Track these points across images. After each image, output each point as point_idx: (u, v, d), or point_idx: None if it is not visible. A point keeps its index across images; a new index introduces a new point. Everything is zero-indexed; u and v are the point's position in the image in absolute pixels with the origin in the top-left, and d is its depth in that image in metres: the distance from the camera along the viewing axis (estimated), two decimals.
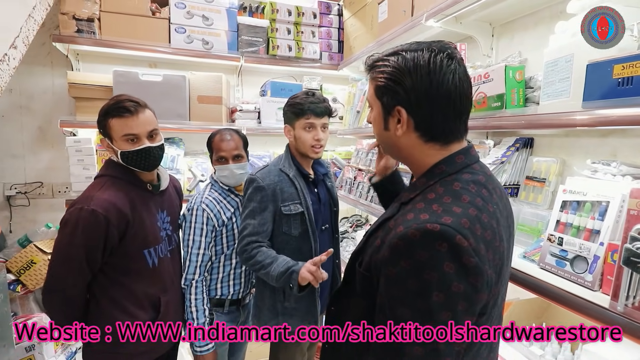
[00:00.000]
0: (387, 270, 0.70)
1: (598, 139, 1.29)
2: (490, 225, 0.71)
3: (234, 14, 2.43)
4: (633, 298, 0.86)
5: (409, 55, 0.75)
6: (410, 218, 0.70)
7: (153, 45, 2.34)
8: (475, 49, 1.76)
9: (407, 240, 0.67)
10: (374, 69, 0.82)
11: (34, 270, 2.11)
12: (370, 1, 2.18)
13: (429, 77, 0.73)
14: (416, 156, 0.81)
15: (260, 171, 1.57)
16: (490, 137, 1.72)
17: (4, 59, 1.51)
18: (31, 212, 2.49)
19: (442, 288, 0.64)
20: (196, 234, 1.58)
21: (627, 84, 0.86)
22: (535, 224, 1.35)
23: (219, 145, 1.65)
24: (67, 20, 2.12)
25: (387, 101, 0.78)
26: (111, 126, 1.30)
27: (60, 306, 1.30)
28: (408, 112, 0.76)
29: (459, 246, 0.64)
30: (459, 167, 0.77)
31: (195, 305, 1.55)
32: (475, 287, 0.66)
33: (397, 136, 0.79)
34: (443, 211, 0.68)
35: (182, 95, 2.37)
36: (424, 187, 0.77)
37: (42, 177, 2.50)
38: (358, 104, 2.42)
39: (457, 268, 0.64)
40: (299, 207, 1.55)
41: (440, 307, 0.64)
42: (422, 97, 0.74)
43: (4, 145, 2.41)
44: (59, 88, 2.45)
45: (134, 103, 1.32)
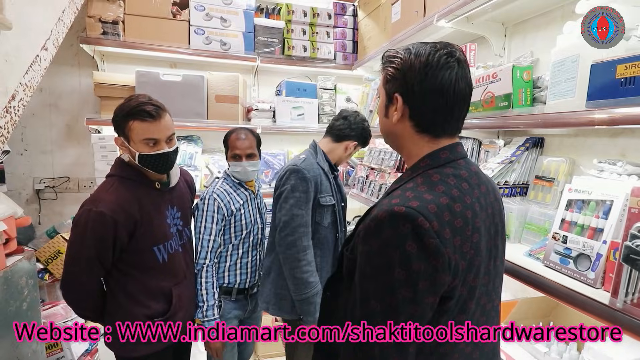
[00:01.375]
0: (360, 248, 0.76)
1: (607, 139, 1.29)
2: (463, 214, 0.75)
3: (251, 15, 2.50)
4: (632, 295, 0.87)
5: (414, 50, 0.81)
6: (384, 203, 0.76)
7: (173, 47, 2.43)
8: (488, 49, 1.77)
9: (377, 221, 0.73)
10: (387, 62, 0.88)
11: (60, 260, 2.24)
12: (384, 2, 2.21)
13: (425, 69, 0.78)
14: (408, 146, 0.86)
15: (302, 163, 1.65)
16: (501, 136, 1.73)
17: (36, 60, 1.62)
18: (58, 205, 2.63)
19: (404, 266, 0.69)
20: (207, 221, 1.68)
21: (629, 83, 0.88)
22: (542, 222, 1.36)
23: (235, 143, 1.76)
24: (94, 22, 2.24)
25: (389, 88, 0.84)
26: (132, 128, 1.32)
27: (77, 300, 1.38)
28: (404, 100, 0.81)
29: (421, 227, 0.69)
30: (442, 162, 0.82)
31: (205, 287, 1.64)
32: (436, 267, 0.70)
33: (393, 123, 0.85)
34: (414, 197, 0.73)
35: (200, 94, 2.46)
36: (407, 178, 0.83)
37: (69, 172, 2.64)
38: (371, 104, 2.45)
39: (418, 248, 0.69)
40: (332, 199, 1.70)
41: (401, 284, 0.69)
42: (417, 88, 0.79)
43: (34, 141, 2.56)
44: (85, 87, 2.58)
45: (156, 107, 1.34)
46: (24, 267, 1.54)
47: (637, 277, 0.86)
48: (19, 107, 1.48)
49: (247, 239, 1.80)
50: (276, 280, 1.68)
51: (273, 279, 1.70)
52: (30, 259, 1.60)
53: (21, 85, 1.50)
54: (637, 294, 0.86)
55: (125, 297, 1.40)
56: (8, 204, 1.52)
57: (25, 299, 1.54)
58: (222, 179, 1.83)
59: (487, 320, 0.86)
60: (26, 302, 1.54)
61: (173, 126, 1.42)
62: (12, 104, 1.44)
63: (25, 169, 2.55)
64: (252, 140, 1.79)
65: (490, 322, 0.87)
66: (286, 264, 1.59)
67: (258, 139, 1.83)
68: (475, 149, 1.74)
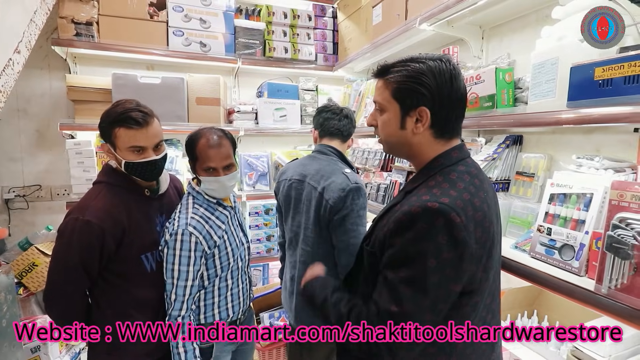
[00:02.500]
0: (391, 240, 0.84)
1: (582, 136, 1.37)
2: (482, 208, 0.84)
3: (230, 16, 2.47)
4: (616, 281, 0.94)
5: (430, 63, 0.87)
6: (413, 200, 0.84)
7: (151, 48, 2.37)
8: (467, 51, 1.84)
9: (410, 215, 0.81)
10: (388, 74, 0.90)
11: (35, 273, 2.13)
12: (364, 4, 2.24)
13: (451, 82, 0.87)
14: (424, 151, 0.92)
15: (357, 178, 1.52)
16: (482, 135, 1.80)
17: (9, 63, 1.54)
18: (30, 215, 2.50)
19: (435, 255, 0.78)
20: (182, 264, 1.32)
21: (607, 85, 0.94)
22: (525, 216, 1.43)
23: (207, 153, 1.37)
24: (66, 24, 2.14)
25: (409, 102, 0.88)
26: (117, 135, 1.27)
27: (61, 313, 1.31)
28: (431, 112, 0.87)
29: (452, 222, 0.78)
30: (455, 160, 0.90)
31: (183, 346, 1.33)
32: (462, 257, 0.79)
33: (414, 134, 0.90)
34: (441, 194, 0.82)
35: (181, 97, 2.41)
36: (425, 177, 0.90)
37: (41, 180, 2.51)
38: (353, 104, 2.49)
39: (448, 239, 0.78)
40: None
41: (432, 271, 0.78)
42: (445, 98, 0.87)
43: (2, 149, 2.42)
44: (56, 91, 2.46)
45: (143, 114, 1.28)
46: (2, 282, 1.46)
47: (619, 264, 0.93)
48: None
49: (235, 265, 1.49)
50: None
51: None
52: (8, 273, 1.51)
53: None
54: (621, 280, 0.93)
55: (111, 308, 1.34)
56: None
57: (4, 316, 1.46)
58: (190, 200, 1.43)
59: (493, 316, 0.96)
60: (5, 318, 1.46)
61: (161, 133, 1.36)
62: None
63: None
64: (228, 146, 1.42)
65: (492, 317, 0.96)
66: None
67: (233, 141, 1.47)
68: None
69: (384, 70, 0.92)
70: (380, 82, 0.93)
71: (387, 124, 0.93)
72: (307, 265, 1.38)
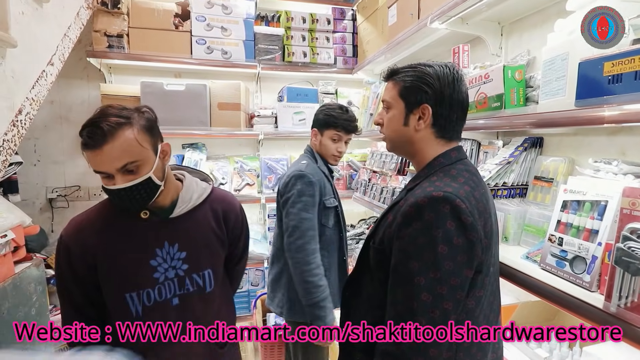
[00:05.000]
0: (400, 233, 0.85)
1: (606, 137, 1.25)
2: (482, 200, 0.88)
3: (250, 23, 2.54)
4: (625, 298, 0.84)
5: (436, 67, 0.94)
6: (418, 192, 0.86)
7: (176, 57, 2.49)
8: (485, 49, 1.75)
9: (417, 206, 0.83)
10: (397, 75, 0.98)
11: None
12: (381, 5, 2.21)
13: (453, 84, 0.93)
14: (424, 150, 0.96)
15: (307, 168, 1.66)
16: (501, 137, 1.70)
17: (43, 75, 1.69)
18: (70, 213, 2.71)
19: (446, 241, 0.79)
20: None
21: (617, 81, 0.85)
22: (541, 224, 1.32)
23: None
24: (100, 37, 2.31)
25: (414, 99, 0.94)
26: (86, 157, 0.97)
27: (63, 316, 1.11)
28: (432, 110, 0.93)
29: (459, 207, 0.81)
30: (454, 160, 0.95)
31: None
32: (472, 242, 0.81)
33: (416, 130, 0.95)
34: (444, 185, 0.85)
35: (203, 102, 2.51)
36: (426, 175, 0.94)
37: (80, 181, 2.72)
38: (371, 107, 2.45)
39: (457, 225, 0.80)
40: (334, 201, 1.73)
41: (444, 258, 0.79)
42: (447, 99, 0.93)
43: (47, 152, 2.65)
44: (93, 99, 2.67)
45: (101, 130, 0.93)
46: (33, 274, 1.60)
47: (630, 280, 0.83)
48: (25, 121, 1.54)
49: None
50: (288, 285, 1.68)
51: (284, 283, 1.70)
52: (39, 266, 1.66)
53: (28, 100, 1.56)
54: (631, 298, 0.84)
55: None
56: (16, 213, 1.58)
57: (34, 305, 1.59)
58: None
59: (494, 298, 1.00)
60: (35, 307, 1.60)
61: (136, 150, 0.97)
62: (19, 118, 1.50)
63: (38, 179, 2.65)
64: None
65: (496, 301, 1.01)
66: (296, 268, 1.57)
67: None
68: (475, 150, 1.72)
69: (393, 73, 1.00)
70: (390, 83, 1.00)
71: (391, 120, 0.98)
72: (275, 246, 1.77)
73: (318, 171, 1.69)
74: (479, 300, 0.88)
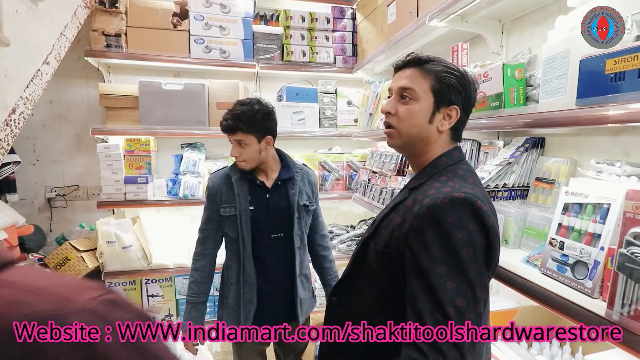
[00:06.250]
0: (417, 237, 0.81)
1: (610, 138, 1.21)
2: (490, 202, 0.88)
3: (249, 23, 2.51)
4: (629, 306, 0.81)
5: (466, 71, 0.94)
6: (432, 193, 0.83)
7: (175, 56, 2.47)
8: (485, 47, 1.71)
9: (437, 208, 0.80)
10: (427, 64, 0.92)
11: (68, 266, 2.29)
12: (380, 4, 2.18)
13: (476, 89, 0.96)
14: (434, 150, 0.94)
15: (214, 172, 1.72)
16: (502, 137, 1.66)
17: (37, 74, 1.67)
18: (69, 213, 2.70)
19: (470, 244, 0.78)
20: None
21: (619, 79, 0.82)
22: (542, 227, 1.29)
23: None
24: (97, 36, 2.30)
25: (446, 98, 0.91)
26: None
27: None
28: (460, 113, 0.92)
29: (480, 209, 0.80)
30: (456, 160, 0.94)
31: None
32: (492, 244, 0.81)
33: (439, 131, 0.92)
34: (460, 186, 0.84)
35: (202, 102, 2.48)
36: (430, 174, 0.91)
37: (78, 180, 2.71)
38: (371, 106, 2.42)
39: (479, 227, 0.79)
40: (233, 210, 1.57)
41: (470, 260, 0.78)
42: (471, 105, 0.95)
43: (46, 151, 2.65)
44: (92, 98, 2.65)
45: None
46: None
47: (633, 287, 0.80)
48: (19, 120, 1.53)
49: None
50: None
51: None
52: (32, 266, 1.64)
53: (22, 99, 1.54)
54: (634, 306, 0.80)
55: None
56: (10, 214, 1.57)
57: None
58: None
59: None
60: None
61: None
62: (12, 117, 1.49)
63: (37, 179, 2.64)
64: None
65: None
66: None
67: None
68: (475, 150, 1.68)
69: (420, 60, 0.92)
70: (416, 70, 0.92)
71: (414, 114, 0.91)
72: None
73: (221, 177, 1.64)
74: (486, 301, 0.89)
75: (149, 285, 2.52)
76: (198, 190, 2.53)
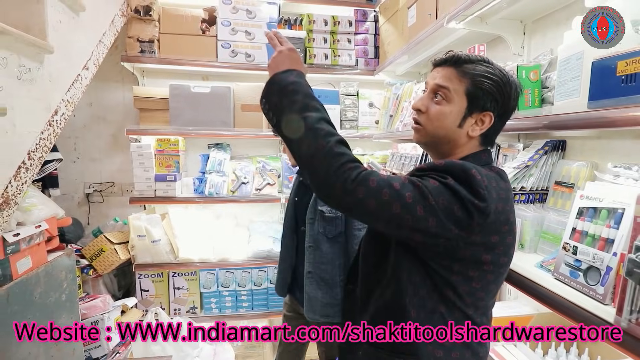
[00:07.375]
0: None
1: (631, 141, 1.17)
2: (507, 193, 0.85)
3: (274, 27, 2.59)
4: (637, 313, 0.79)
5: (509, 76, 0.88)
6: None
7: (203, 61, 2.59)
8: (506, 49, 1.68)
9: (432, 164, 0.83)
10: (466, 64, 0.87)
11: (103, 257, 2.46)
12: (401, 6, 2.18)
13: (517, 97, 0.90)
14: (461, 152, 0.91)
15: None
16: (522, 139, 1.63)
17: (78, 78, 1.82)
18: (105, 208, 2.90)
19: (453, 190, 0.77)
20: None
21: (631, 81, 0.80)
22: (559, 231, 1.26)
23: None
24: (133, 42, 2.46)
25: (481, 104, 0.86)
26: None
27: None
28: (494, 120, 0.88)
29: (473, 176, 0.77)
30: (483, 162, 0.90)
31: None
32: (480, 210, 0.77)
33: (469, 136, 0.89)
34: None
35: (227, 104, 2.59)
36: None
37: (114, 177, 2.90)
38: (392, 108, 2.43)
39: (467, 190, 0.77)
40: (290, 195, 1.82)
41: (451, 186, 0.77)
42: (509, 112, 0.90)
43: (86, 150, 2.85)
44: (128, 101, 2.83)
45: None
46: (64, 263, 1.72)
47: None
48: (60, 121, 1.67)
49: None
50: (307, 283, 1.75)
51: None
52: (70, 256, 1.78)
53: (63, 102, 1.69)
54: None
55: None
56: (51, 206, 1.72)
57: (64, 291, 1.72)
58: None
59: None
60: (65, 294, 1.72)
61: None
62: (55, 118, 1.63)
63: (77, 175, 2.85)
64: None
65: None
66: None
67: None
68: (494, 153, 1.66)
69: (459, 60, 0.88)
70: (453, 71, 0.88)
71: (444, 115, 0.88)
72: None
73: None
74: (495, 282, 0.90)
75: (176, 278, 2.65)
76: (222, 188, 2.64)
